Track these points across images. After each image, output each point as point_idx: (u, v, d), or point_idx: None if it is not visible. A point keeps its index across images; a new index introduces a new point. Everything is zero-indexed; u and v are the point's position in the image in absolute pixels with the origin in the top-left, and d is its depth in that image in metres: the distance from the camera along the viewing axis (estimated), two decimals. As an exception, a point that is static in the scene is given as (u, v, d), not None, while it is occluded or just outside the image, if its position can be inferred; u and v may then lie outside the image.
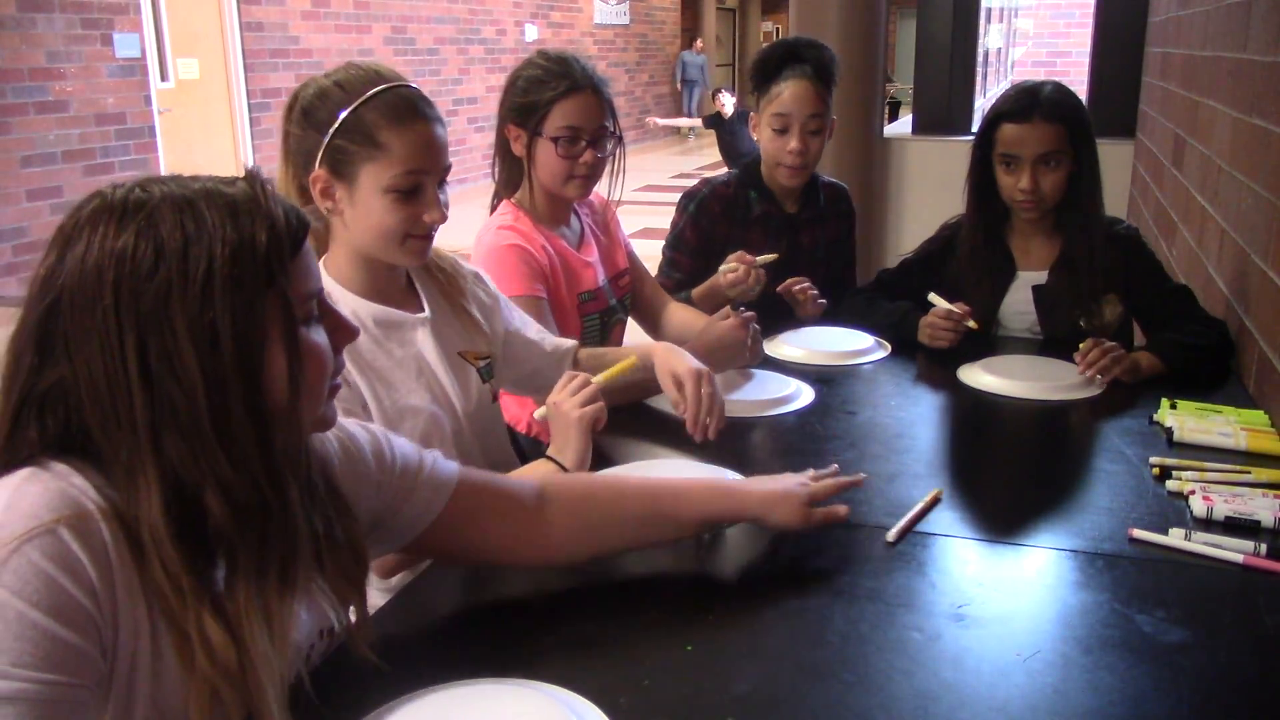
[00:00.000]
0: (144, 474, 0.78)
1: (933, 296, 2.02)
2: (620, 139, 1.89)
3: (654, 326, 2.14)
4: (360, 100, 1.31)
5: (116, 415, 0.78)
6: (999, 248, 2.12)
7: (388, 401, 1.39)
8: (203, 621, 0.79)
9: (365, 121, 1.30)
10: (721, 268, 2.07)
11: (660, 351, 1.61)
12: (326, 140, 1.31)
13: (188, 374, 0.77)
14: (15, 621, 0.71)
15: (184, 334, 0.77)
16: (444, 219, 1.37)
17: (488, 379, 1.54)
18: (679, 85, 16.91)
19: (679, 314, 2.11)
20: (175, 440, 0.78)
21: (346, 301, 1.38)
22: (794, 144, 2.19)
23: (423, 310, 1.47)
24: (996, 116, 2.03)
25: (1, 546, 0.72)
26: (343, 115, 1.30)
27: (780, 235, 2.30)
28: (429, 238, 1.39)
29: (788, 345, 2.06)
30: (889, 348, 2.08)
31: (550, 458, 1.42)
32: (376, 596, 1.22)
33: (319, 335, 0.88)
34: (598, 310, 1.95)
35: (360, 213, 1.34)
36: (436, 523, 1.08)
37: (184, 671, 0.79)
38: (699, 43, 17.34)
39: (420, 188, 1.33)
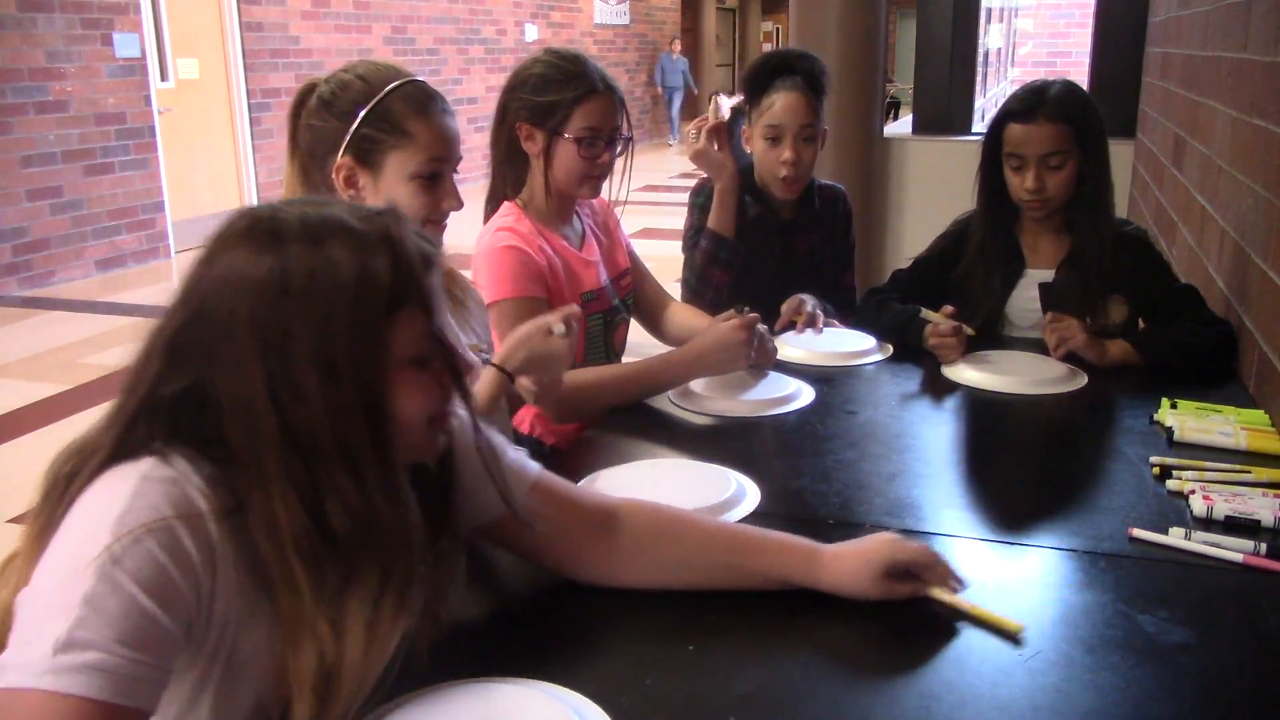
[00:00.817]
0: (274, 485, 0.83)
1: (925, 313, 1.99)
2: (631, 139, 1.90)
3: (655, 326, 2.14)
4: (387, 90, 1.37)
5: (251, 431, 0.83)
6: (1009, 243, 2.12)
7: None
8: (317, 626, 0.83)
9: (393, 111, 1.37)
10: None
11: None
12: (353, 129, 1.36)
13: (312, 403, 0.82)
14: (128, 602, 0.75)
15: (306, 365, 0.82)
16: (461, 206, 1.45)
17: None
18: (660, 90, 16.02)
19: (680, 313, 2.11)
20: (302, 461, 0.83)
21: None
22: (787, 153, 2.20)
23: None
24: (1004, 116, 2.03)
25: (127, 533, 0.77)
26: (371, 104, 1.36)
27: (773, 239, 2.31)
28: (444, 225, 1.45)
29: (788, 345, 2.06)
30: (890, 349, 2.08)
31: (498, 366, 1.44)
32: None
33: (431, 368, 0.91)
34: (600, 310, 1.94)
35: (383, 199, 1.39)
36: (504, 518, 1.09)
37: (281, 668, 0.83)
38: (676, 44, 15.75)
39: (440, 175, 1.41)
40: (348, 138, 1.36)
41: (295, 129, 1.42)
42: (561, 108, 1.81)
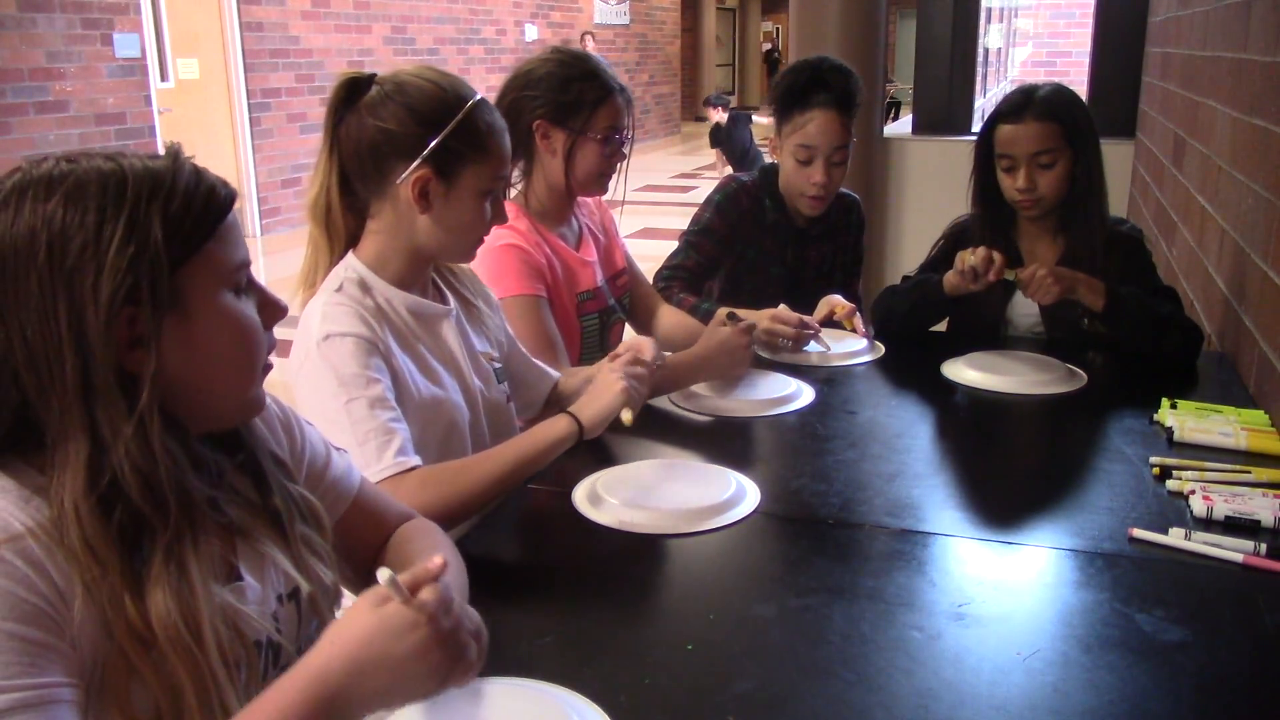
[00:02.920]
0: (73, 440, 0.80)
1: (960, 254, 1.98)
2: (633, 139, 1.90)
3: (645, 329, 2.14)
4: (471, 104, 1.36)
5: (51, 377, 0.79)
6: (1008, 247, 2.12)
7: (423, 386, 1.41)
8: (119, 591, 0.80)
9: (478, 125, 1.36)
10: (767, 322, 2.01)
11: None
12: (438, 139, 1.34)
13: (93, 342, 0.79)
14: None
15: (90, 303, 0.79)
16: (503, 221, 1.46)
17: (501, 380, 1.55)
18: None
19: (670, 317, 2.11)
20: (97, 405, 0.80)
21: (380, 290, 1.40)
22: (818, 177, 2.16)
23: (448, 304, 1.50)
24: (994, 118, 2.04)
25: None
26: (459, 116, 1.35)
27: (787, 246, 2.29)
28: (483, 242, 1.47)
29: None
30: (882, 349, 2.09)
31: (570, 413, 1.43)
32: None
33: (247, 307, 0.90)
34: (597, 310, 1.95)
35: (452, 211, 1.38)
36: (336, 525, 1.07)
37: (109, 644, 0.79)
38: (588, 40, 13.28)
39: (499, 193, 1.42)
40: (430, 147, 1.34)
41: (338, 122, 1.38)
42: (585, 107, 1.81)
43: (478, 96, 1.39)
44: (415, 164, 1.34)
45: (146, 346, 0.82)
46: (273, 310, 0.93)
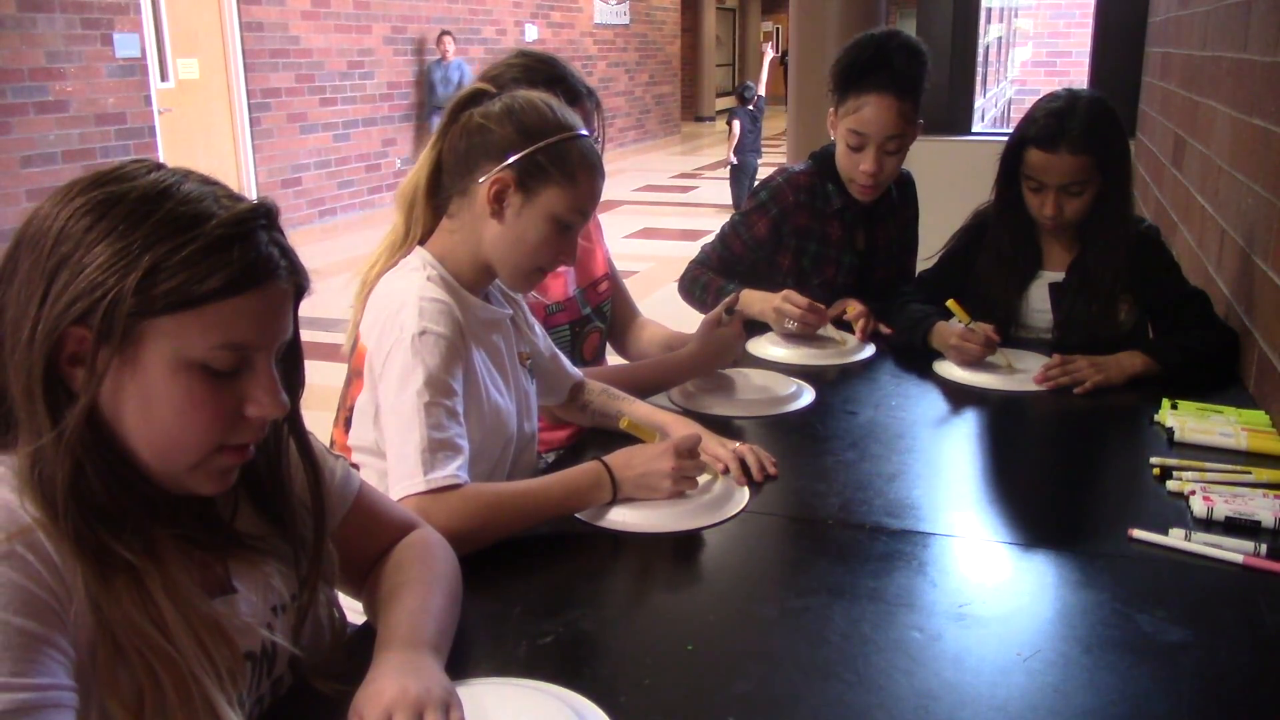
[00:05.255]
0: (20, 430, 0.82)
1: (952, 304, 1.94)
2: (603, 139, 1.90)
3: (621, 339, 2.12)
4: (576, 134, 1.38)
5: (14, 363, 0.82)
6: (1028, 243, 2.10)
7: (494, 395, 1.42)
8: (112, 581, 0.81)
9: (572, 154, 1.37)
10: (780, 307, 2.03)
11: (680, 429, 1.53)
12: (531, 150, 1.35)
13: (38, 339, 0.81)
14: (2, 631, 0.74)
15: (51, 303, 0.80)
16: (572, 264, 1.47)
17: (533, 379, 1.57)
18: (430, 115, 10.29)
19: (649, 330, 2.10)
20: (29, 400, 0.82)
21: (456, 291, 1.40)
22: (867, 165, 2.07)
23: (506, 309, 1.51)
24: (1027, 139, 1.96)
25: None
26: (558, 136, 1.36)
27: (857, 230, 2.23)
28: (546, 275, 1.46)
29: (779, 346, 2.06)
30: (874, 348, 2.09)
31: (615, 481, 1.35)
32: None
33: (214, 390, 0.86)
34: (568, 321, 1.94)
35: (520, 225, 1.38)
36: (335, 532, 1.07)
37: (100, 629, 0.81)
38: (446, 41, 10.12)
39: (574, 229, 1.41)
40: (520, 154, 1.35)
41: (453, 121, 1.41)
42: None
43: (586, 133, 1.40)
44: (500, 166, 1.35)
45: (87, 369, 0.82)
46: (262, 408, 0.88)
